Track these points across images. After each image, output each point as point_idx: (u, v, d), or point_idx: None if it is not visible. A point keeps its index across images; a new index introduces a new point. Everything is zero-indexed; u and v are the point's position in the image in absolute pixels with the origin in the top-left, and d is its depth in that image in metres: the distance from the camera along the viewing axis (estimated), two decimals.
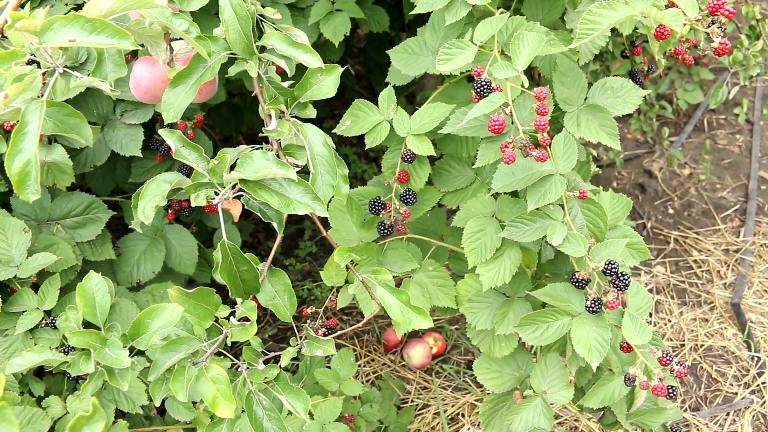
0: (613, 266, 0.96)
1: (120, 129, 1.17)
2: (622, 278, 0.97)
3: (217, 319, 0.82)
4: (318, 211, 0.78)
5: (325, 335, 1.06)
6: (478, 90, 0.90)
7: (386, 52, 1.12)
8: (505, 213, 1.03)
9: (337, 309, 1.85)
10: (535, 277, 1.13)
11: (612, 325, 1.00)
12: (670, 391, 0.97)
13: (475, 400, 1.64)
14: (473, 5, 0.94)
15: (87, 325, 0.90)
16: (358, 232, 1.12)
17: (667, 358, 0.97)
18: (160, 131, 0.79)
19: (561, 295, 1.01)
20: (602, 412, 1.16)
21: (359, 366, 1.73)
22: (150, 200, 0.76)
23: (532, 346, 1.16)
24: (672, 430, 1.16)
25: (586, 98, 1.02)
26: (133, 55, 1.07)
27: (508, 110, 0.89)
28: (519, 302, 1.08)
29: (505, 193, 1.03)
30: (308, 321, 1.16)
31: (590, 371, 1.11)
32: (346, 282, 1.12)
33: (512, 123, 0.91)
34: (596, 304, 0.98)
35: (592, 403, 1.04)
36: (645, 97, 1.04)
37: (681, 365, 0.97)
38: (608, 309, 0.99)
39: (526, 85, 0.89)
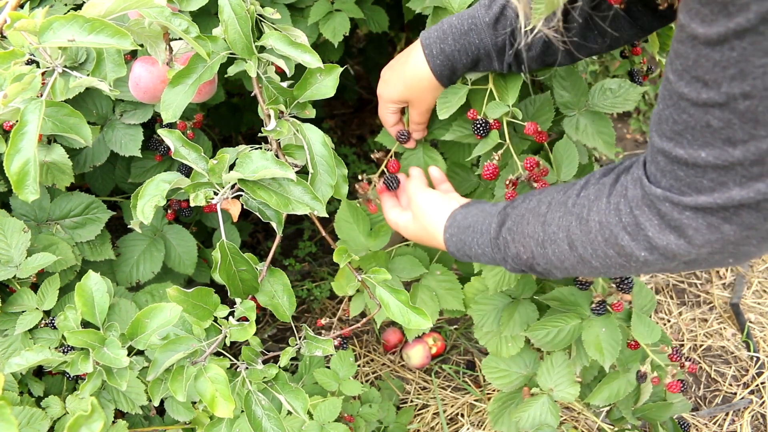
0: None
1: (119, 129, 1.16)
2: (625, 280, 0.99)
3: (216, 319, 0.82)
4: (317, 211, 0.78)
5: (341, 345, 1.06)
6: (476, 131, 0.94)
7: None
8: None
9: (332, 308, 1.85)
10: (539, 278, 1.14)
11: (619, 324, 1.01)
12: (683, 385, 0.98)
13: (475, 401, 1.64)
14: None
15: (86, 324, 0.90)
16: (365, 241, 1.13)
17: (677, 354, 0.99)
18: (160, 131, 0.79)
19: (569, 299, 1.02)
20: (608, 408, 1.17)
21: (358, 366, 1.73)
22: (149, 200, 0.76)
23: None
24: (680, 423, 1.16)
25: (586, 102, 1.03)
26: (133, 55, 1.07)
27: (499, 153, 0.94)
28: (524, 303, 1.09)
29: None
30: (322, 332, 1.16)
31: (595, 369, 1.12)
32: (358, 291, 1.13)
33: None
34: (601, 306, 0.99)
35: (599, 401, 1.06)
36: (644, 96, 1.05)
37: (690, 360, 0.99)
38: (613, 311, 1.00)
39: (520, 117, 0.92)
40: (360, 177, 1.05)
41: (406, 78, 0.92)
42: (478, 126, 0.94)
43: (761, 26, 0.45)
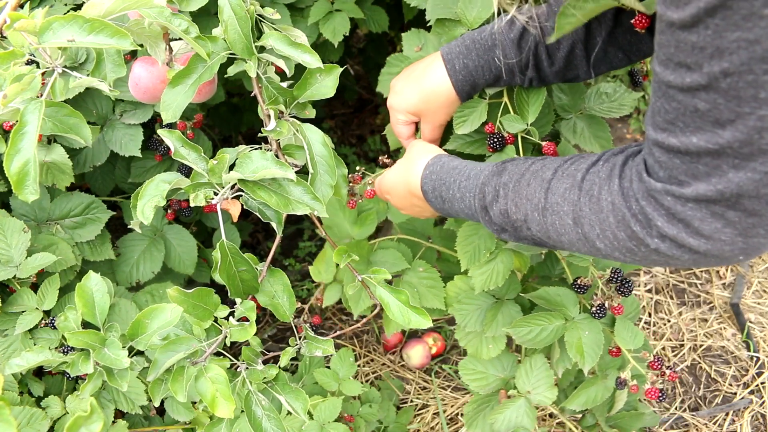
0: (618, 274, 0.98)
1: (119, 129, 1.16)
2: (626, 285, 0.98)
3: (216, 319, 0.82)
4: (317, 211, 0.78)
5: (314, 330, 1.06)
6: (491, 145, 0.94)
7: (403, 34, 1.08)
8: None
9: (332, 307, 1.85)
10: (524, 279, 1.13)
11: (603, 329, 1.01)
12: (661, 394, 0.98)
13: None
14: None
15: (86, 325, 0.90)
16: (350, 229, 1.12)
17: (659, 362, 0.98)
18: (160, 131, 0.79)
19: (555, 299, 1.02)
20: (582, 414, 1.16)
21: (358, 366, 1.73)
22: (149, 200, 0.76)
23: (517, 348, 1.16)
24: None
25: (583, 105, 1.03)
26: (133, 55, 1.07)
27: None
28: (508, 304, 1.08)
29: None
30: (293, 317, 1.16)
31: (572, 374, 1.12)
32: (334, 279, 1.12)
33: None
34: (601, 309, 0.99)
35: (575, 405, 1.05)
36: (644, 97, 1.04)
37: (671, 369, 0.99)
38: (613, 314, 1.00)
39: (537, 138, 0.91)
40: (357, 168, 1.04)
41: (423, 91, 0.91)
42: (494, 140, 0.93)
43: (729, 0, 0.46)
